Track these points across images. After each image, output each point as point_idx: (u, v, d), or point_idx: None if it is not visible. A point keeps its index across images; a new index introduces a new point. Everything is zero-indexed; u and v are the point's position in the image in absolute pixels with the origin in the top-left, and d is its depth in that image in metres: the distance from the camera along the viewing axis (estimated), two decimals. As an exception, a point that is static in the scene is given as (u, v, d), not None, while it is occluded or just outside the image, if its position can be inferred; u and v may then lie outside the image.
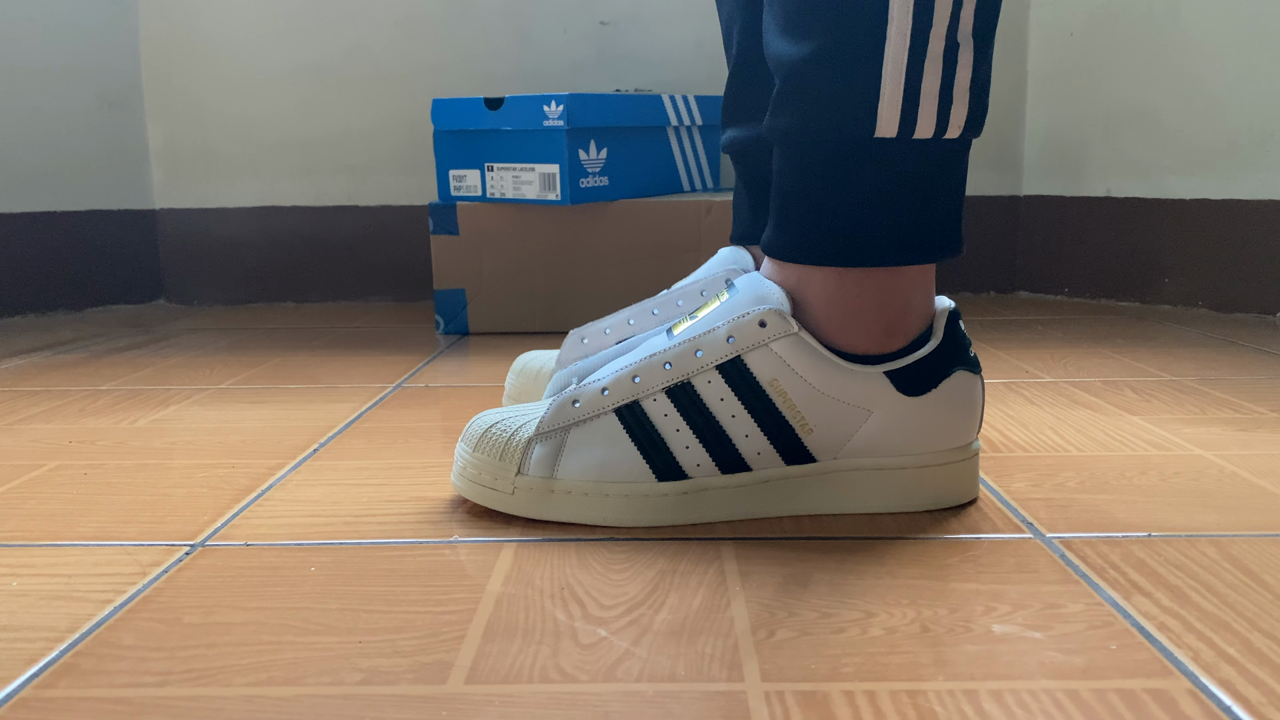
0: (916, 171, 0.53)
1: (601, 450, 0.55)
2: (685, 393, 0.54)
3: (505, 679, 0.39)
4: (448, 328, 1.21)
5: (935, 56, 0.52)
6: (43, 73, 1.40)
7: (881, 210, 0.53)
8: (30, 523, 0.57)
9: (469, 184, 1.20)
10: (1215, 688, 0.37)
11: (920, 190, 0.54)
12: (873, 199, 0.53)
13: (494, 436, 0.56)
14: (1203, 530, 0.53)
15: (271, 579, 0.48)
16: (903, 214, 0.54)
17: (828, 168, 0.53)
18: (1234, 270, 1.28)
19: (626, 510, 0.55)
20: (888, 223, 0.54)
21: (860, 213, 0.53)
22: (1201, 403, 0.81)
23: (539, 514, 0.56)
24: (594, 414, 0.55)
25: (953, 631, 0.42)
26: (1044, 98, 1.46)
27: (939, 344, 0.54)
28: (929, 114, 0.52)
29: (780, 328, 0.53)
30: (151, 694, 0.38)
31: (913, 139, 0.52)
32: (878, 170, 0.53)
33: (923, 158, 0.53)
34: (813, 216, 0.54)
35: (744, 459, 0.55)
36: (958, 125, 0.53)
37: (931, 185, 0.54)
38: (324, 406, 0.84)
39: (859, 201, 0.53)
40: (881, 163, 0.53)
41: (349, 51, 1.48)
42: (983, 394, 0.57)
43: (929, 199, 0.54)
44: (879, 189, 0.53)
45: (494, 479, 0.56)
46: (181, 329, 1.29)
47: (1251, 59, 1.24)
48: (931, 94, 0.52)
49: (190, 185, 1.52)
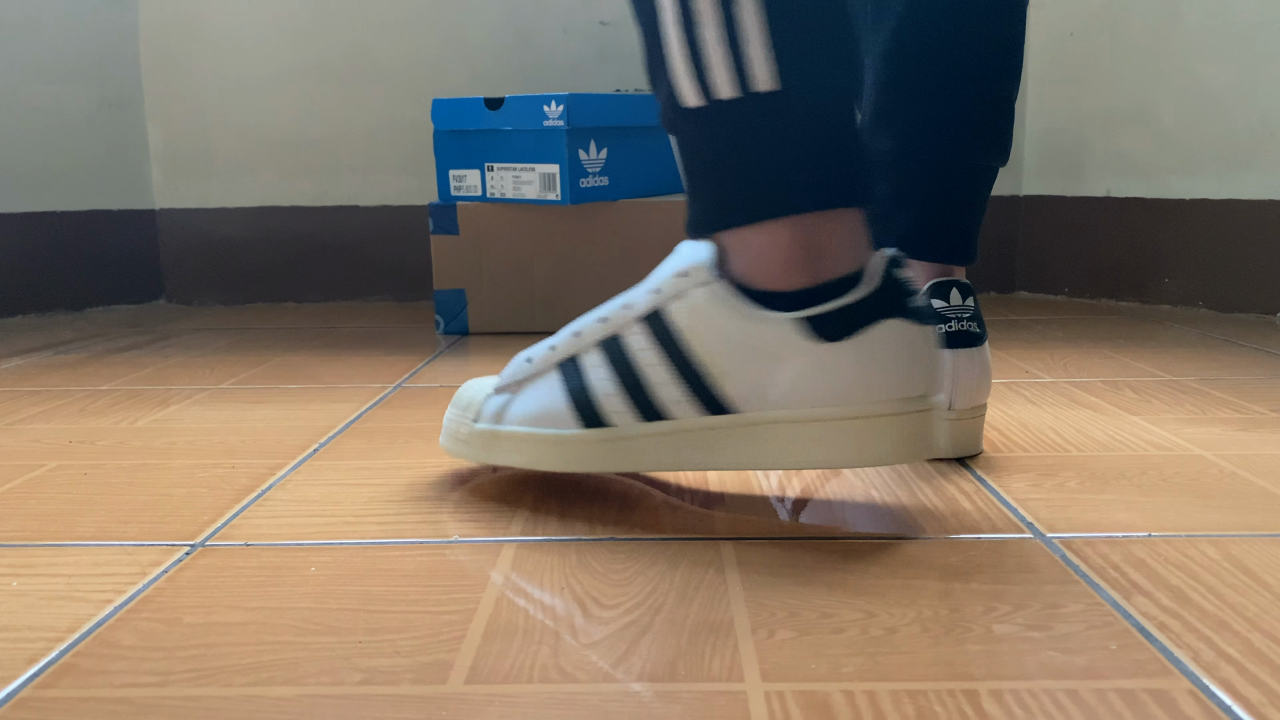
0: (754, 128, 0.53)
1: (541, 400, 0.59)
2: (613, 345, 0.57)
3: (505, 679, 0.39)
4: (448, 328, 1.21)
5: (705, 10, 0.51)
6: (43, 73, 1.40)
7: (735, 171, 0.54)
8: (30, 523, 0.57)
9: (469, 184, 1.20)
10: (1215, 688, 0.37)
11: (774, 144, 0.53)
12: (726, 162, 0.54)
13: (467, 394, 0.63)
14: (1203, 530, 0.53)
15: (271, 579, 0.48)
16: (760, 169, 0.53)
17: (682, 144, 0.56)
18: (1234, 270, 1.28)
19: (555, 455, 0.59)
20: (743, 183, 0.54)
21: (721, 178, 0.54)
22: (1201, 403, 0.81)
23: (487, 458, 0.61)
24: (542, 370, 0.60)
25: (953, 631, 0.42)
26: (1044, 98, 1.46)
27: (870, 291, 0.53)
28: (723, 73, 0.51)
29: (699, 278, 0.55)
30: (151, 694, 0.38)
31: (722, 100, 0.52)
32: (718, 136, 0.53)
33: (748, 115, 0.52)
34: (692, 192, 0.56)
35: (663, 407, 0.56)
36: (766, 78, 0.51)
37: (782, 137, 0.53)
38: (324, 406, 0.84)
39: (716, 168, 0.54)
40: (715, 128, 0.53)
41: (349, 51, 1.48)
42: (934, 346, 0.55)
43: (783, 151, 0.53)
44: (727, 153, 0.53)
45: (457, 427, 0.62)
46: (181, 329, 1.29)
47: (1251, 59, 1.24)
48: (717, 51, 0.51)
49: (190, 185, 1.52)
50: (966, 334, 0.64)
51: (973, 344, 0.65)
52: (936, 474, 0.63)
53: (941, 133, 0.67)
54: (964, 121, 0.67)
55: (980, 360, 0.65)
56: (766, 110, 0.52)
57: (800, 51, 0.52)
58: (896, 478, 0.62)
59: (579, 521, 0.56)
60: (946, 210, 0.68)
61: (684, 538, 0.53)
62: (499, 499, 0.60)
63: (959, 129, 0.67)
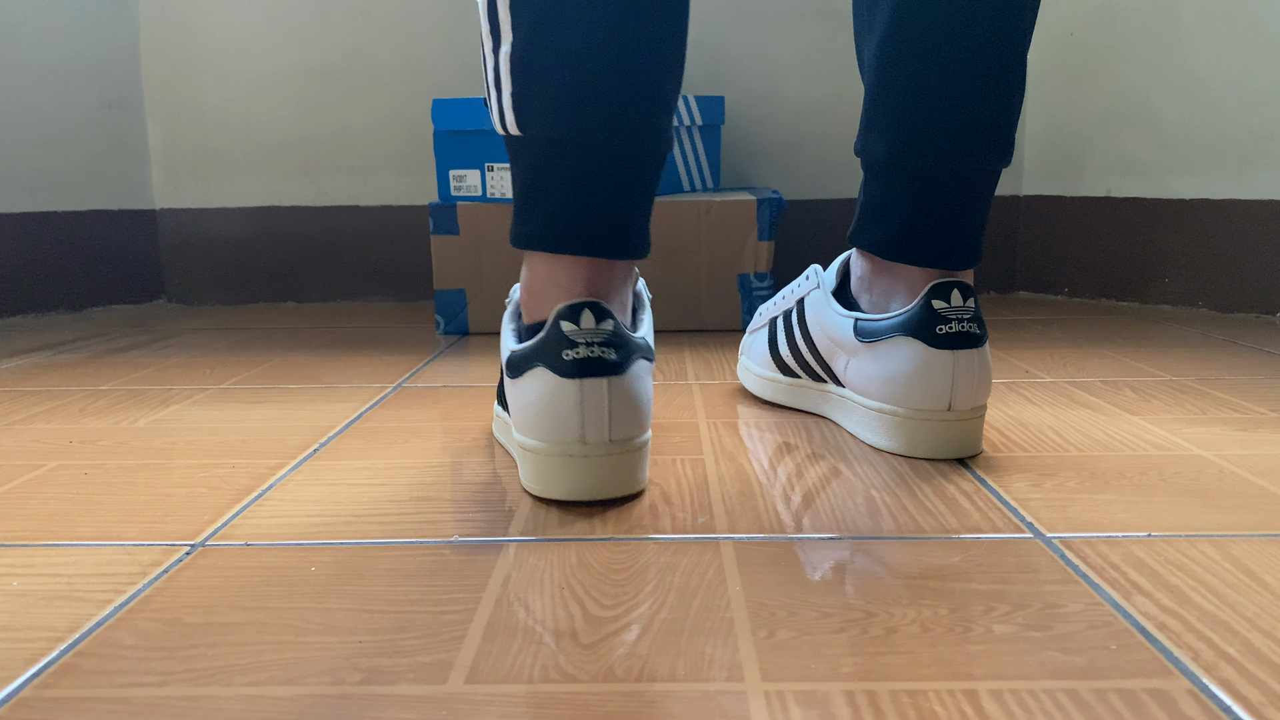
0: (523, 163, 0.60)
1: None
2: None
3: (505, 679, 0.39)
4: (448, 328, 1.21)
5: (484, 49, 0.59)
6: (43, 73, 1.40)
7: (519, 200, 0.61)
8: (30, 523, 0.57)
9: (469, 184, 1.20)
10: (1215, 688, 0.37)
11: (526, 182, 0.60)
12: (516, 191, 0.61)
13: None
14: (1203, 530, 0.53)
15: (271, 579, 0.48)
16: (519, 203, 0.61)
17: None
18: (1234, 270, 1.28)
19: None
20: (519, 212, 0.61)
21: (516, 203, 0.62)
22: (1201, 403, 0.81)
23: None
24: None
25: (953, 631, 0.42)
26: (1044, 98, 1.46)
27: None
28: (494, 109, 0.59)
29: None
30: (151, 694, 0.38)
31: (511, 134, 0.59)
32: (514, 165, 0.61)
33: (525, 150, 0.59)
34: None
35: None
36: (511, 117, 0.58)
37: (537, 177, 0.59)
38: (324, 406, 0.84)
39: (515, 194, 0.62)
40: (514, 159, 0.61)
41: (349, 51, 1.48)
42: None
43: (539, 190, 0.59)
44: (516, 182, 0.61)
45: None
46: (182, 329, 1.29)
47: (1251, 59, 1.24)
48: (490, 88, 0.59)
49: (190, 185, 1.52)
50: (966, 335, 0.64)
51: (973, 345, 0.65)
52: (936, 474, 0.63)
53: (934, 136, 0.66)
54: (957, 123, 0.66)
55: (980, 361, 0.65)
56: (523, 147, 0.59)
57: (539, 103, 0.57)
58: (896, 478, 0.63)
59: (579, 521, 0.56)
60: (941, 215, 0.67)
61: (684, 537, 0.53)
62: (499, 499, 0.60)
63: (952, 131, 0.66)
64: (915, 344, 0.65)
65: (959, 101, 0.65)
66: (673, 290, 1.19)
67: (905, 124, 0.67)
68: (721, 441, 0.71)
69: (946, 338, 0.64)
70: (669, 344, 1.12)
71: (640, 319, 0.65)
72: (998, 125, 0.66)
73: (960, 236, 0.68)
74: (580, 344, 0.55)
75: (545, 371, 0.56)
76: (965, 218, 0.68)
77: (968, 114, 0.65)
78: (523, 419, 0.58)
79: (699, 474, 0.64)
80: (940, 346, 0.64)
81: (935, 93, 0.65)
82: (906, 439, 0.67)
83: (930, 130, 0.66)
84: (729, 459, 0.67)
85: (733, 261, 1.19)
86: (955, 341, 0.64)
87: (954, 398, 0.65)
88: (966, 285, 0.65)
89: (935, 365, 0.64)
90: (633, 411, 0.57)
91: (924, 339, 0.64)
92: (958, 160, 0.66)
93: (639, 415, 0.57)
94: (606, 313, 0.56)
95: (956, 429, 0.66)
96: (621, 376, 0.56)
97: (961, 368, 0.64)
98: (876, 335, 0.67)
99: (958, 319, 0.64)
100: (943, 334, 0.64)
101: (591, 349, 0.55)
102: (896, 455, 0.67)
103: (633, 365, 0.57)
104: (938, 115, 0.66)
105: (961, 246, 0.68)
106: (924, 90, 0.66)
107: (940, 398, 0.65)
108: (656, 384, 0.91)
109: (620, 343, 0.56)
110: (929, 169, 0.67)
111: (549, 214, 0.59)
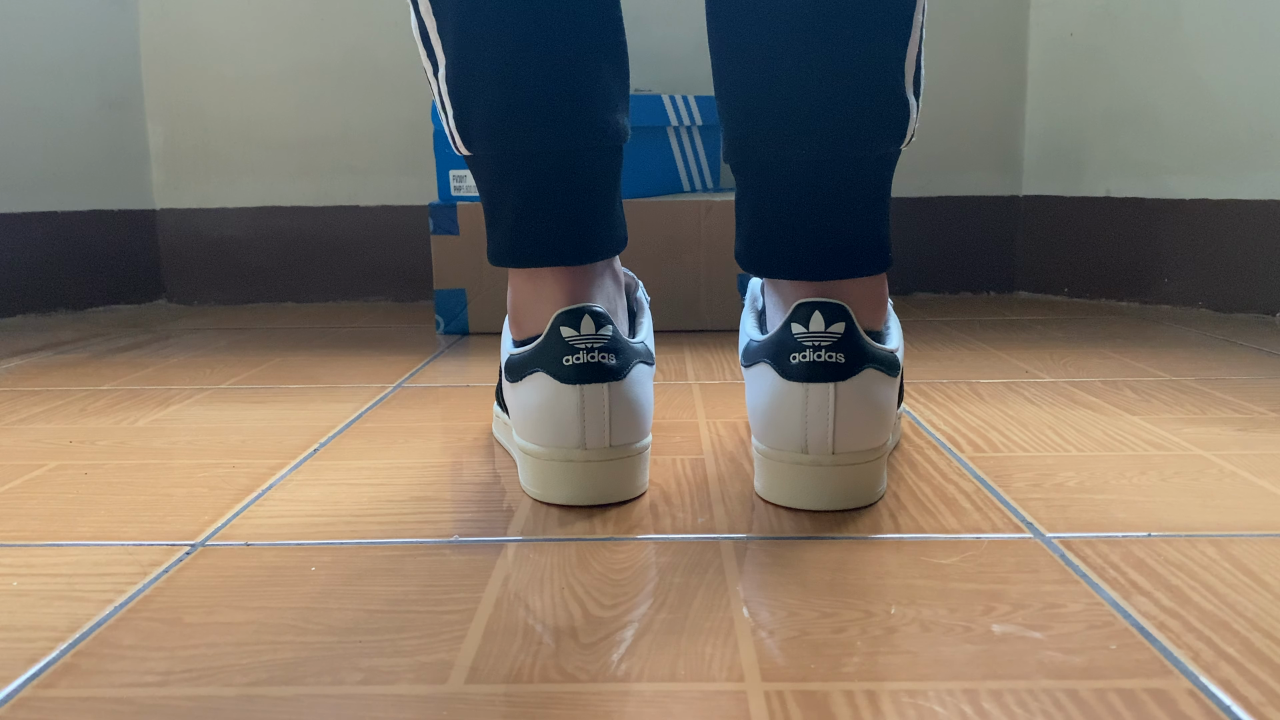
0: (481, 181, 0.61)
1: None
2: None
3: (505, 679, 0.39)
4: (448, 328, 1.21)
5: (427, 74, 0.61)
6: (43, 73, 1.40)
7: (486, 217, 0.62)
8: (30, 523, 0.57)
9: (469, 184, 1.20)
10: (1215, 688, 0.37)
11: (487, 199, 0.61)
12: (484, 208, 0.62)
13: None
14: (1203, 530, 0.53)
15: (272, 579, 0.48)
16: (486, 220, 0.62)
17: None
18: (1234, 270, 1.28)
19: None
20: (488, 229, 0.62)
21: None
22: (1201, 403, 0.81)
23: None
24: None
25: (953, 631, 0.42)
26: (1044, 98, 1.46)
27: (532, 348, 0.57)
28: (446, 131, 0.60)
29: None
30: (151, 694, 0.38)
31: (463, 154, 0.60)
32: (476, 183, 0.62)
33: (479, 168, 0.60)
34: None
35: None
36: (459, 138, 0.59)
37: (495, 193, 0.60)
38: (324, 406, 0.84)
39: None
40: (474, 178, 0.62)
41: (349, 51, 1.48)
42: (579, 401, 0.55)
43: (498, 206, 0.60)
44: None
45: None
46: (182, 329, 1.29)
47: (1251, 59, 1.24)
48: (440, 111, 0.60)
49: (190, 185, 1.52)
50: (822, 365, 0.53)
51: (831, 378, 0.53)
52: (936, 474, 0.63)
53: (773, 114, 0.53)
54: (800, 96, 0.52)
55: (846, 397, 0.53)
56: (476, 166, 0.60)
57: (477, 121, 0.57)
58: (896, 478, 0.63)
59: (579, 521, 0.56)
60: (791, 214, 0.55)
61: (684, 537, 0.53)
62: (499, 499, 0.60)
63: (794, 106, 0.52)
64: (770, 373, 0.55)
65: (800, 65, 0.52)
66: (672, 290, 1.19)
67: (739, 100, 0.55)
68: (721, 441, 0.71)
69: (799, 368, 0.53)
70: (669, 344, 1.12)
71: (640, 323, 0.64)
72: (865, 89, 0.52)
73: (816, 241, 0.55)
74: (580, 349, 0.55)
75: (545, 377, 0.56)
76: (828, 218, 0.55)
77: (825, 78, 0.52)
78: (523, 423, 0.58)
79: (699, 474, 0.64)
80: (791, 378, 0.53)
81: (763, 56, 0.53)
82: (765, 482, 0.57)
83: (771, 104, 0.53)
84: (729, 459, 0.67)
85: (732, 261, 1.18)
86: (808, 373, 0.53)
87: (809, 439, 0.54)
88: (834, 306, 0.53)
89: (785, 399, 0.54)
90: (633, 417, 0.57)
91: (777, 368, 0.54)
92: (805, 145, 0.53)
93: (639, 420, 0.57)
94: (606, 318, 0.56)
95: (818, 475, 0.55)
96: (622, 382, 0.56)
97: (815, 403, 0.53)
98: (749, 360, 0.58)
99: (813, 346, 0.53)
100: (795, 363, 0.53)
101: (592, 354, 0.55)
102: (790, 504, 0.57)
103: (633, 370, 0.57)
104: (782, 83, 0.52)
105: (819, 253, 0.55)
106: (751, 58, 0.53)
107: (792, 438, 0.54)
108: (656, 384, 0.91)
109: (620, 348, 0.56)
110: (769, 159, 0.55)
111: (510, 229, 0.59)
